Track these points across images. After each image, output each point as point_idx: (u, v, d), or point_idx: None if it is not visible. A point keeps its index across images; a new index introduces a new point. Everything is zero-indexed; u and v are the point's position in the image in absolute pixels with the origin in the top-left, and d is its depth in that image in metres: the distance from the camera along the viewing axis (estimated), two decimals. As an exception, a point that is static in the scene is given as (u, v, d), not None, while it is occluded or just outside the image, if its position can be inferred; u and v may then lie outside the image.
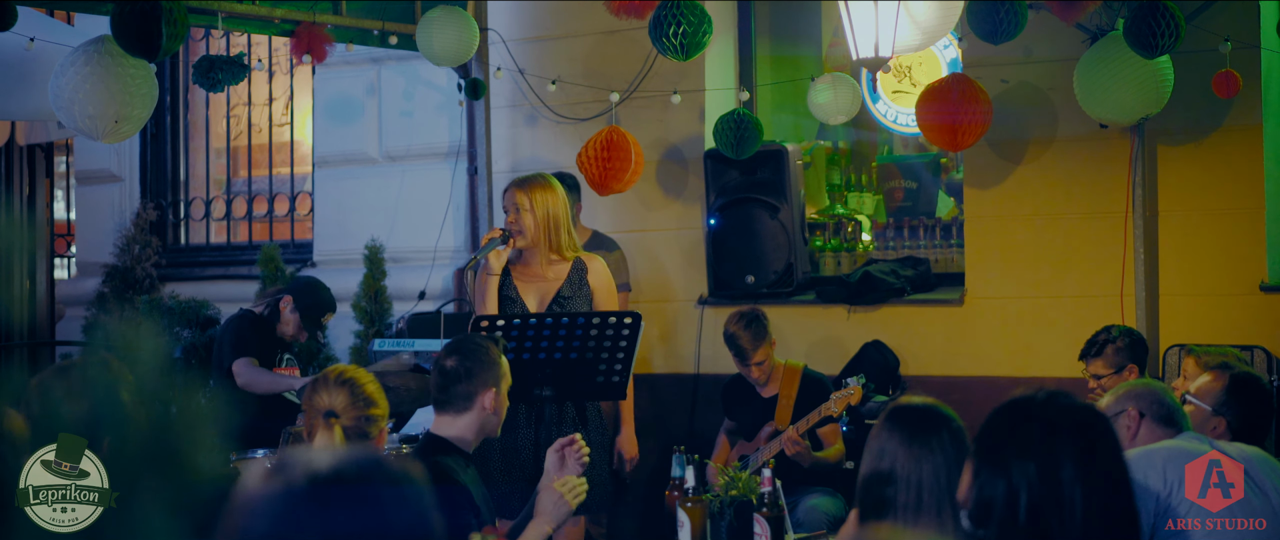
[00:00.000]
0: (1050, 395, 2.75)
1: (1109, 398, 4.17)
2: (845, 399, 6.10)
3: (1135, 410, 4.04)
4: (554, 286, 5.59)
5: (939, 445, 3.04)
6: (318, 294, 7.29)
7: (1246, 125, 6.60)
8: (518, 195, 5.56)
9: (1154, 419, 4.03)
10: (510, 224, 5.57)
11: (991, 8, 5.94)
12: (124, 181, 10.08)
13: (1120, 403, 4.07)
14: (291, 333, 7.20)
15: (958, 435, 3.08)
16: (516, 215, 5.55)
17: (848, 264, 7.82)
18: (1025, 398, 2.76)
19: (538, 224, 5.54)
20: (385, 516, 1.79)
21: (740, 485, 4.83)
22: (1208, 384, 4.41)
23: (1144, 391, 4.13)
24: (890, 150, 8.27)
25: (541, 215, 5.54)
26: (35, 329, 10.32)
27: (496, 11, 8.00)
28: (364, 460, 1.84)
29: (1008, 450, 2.68)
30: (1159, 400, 4.08)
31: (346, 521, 1.77)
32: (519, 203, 5.55)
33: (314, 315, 7.21)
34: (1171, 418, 4.06)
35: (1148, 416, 4.03)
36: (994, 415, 2.76)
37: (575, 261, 5.63)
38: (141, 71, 5.95)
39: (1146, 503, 3.73)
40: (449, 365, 4.28)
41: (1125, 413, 4.03)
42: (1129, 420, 4.03)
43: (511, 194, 5.59)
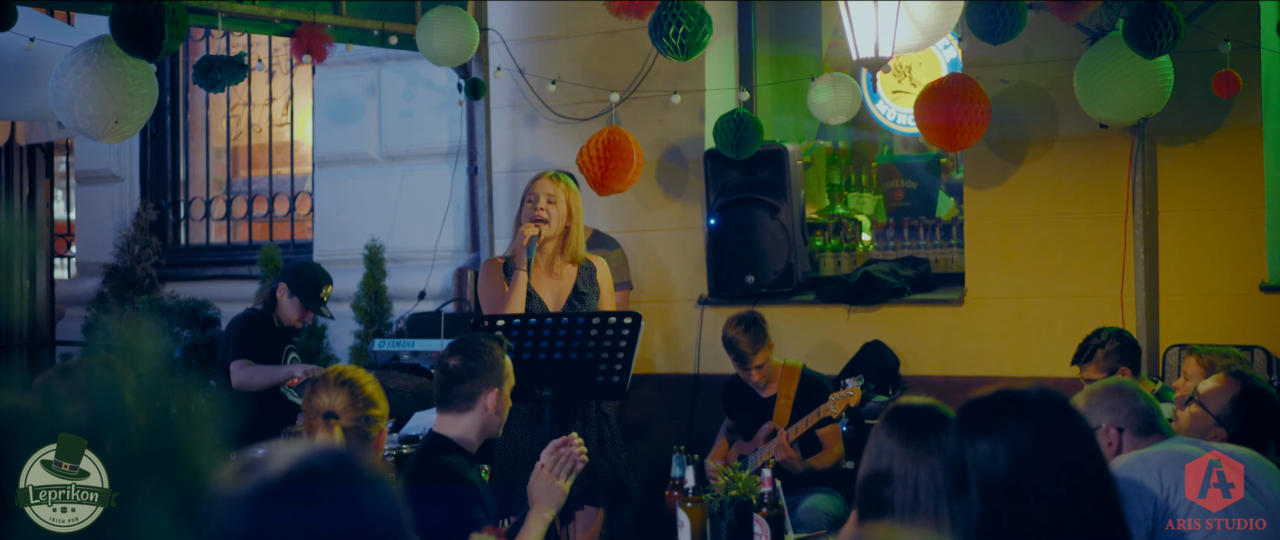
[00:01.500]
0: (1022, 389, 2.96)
1: (1080, 400, 3.93)
2: (844, 400, 6.10)
3: (1112, 427, 3.88)
4: (569, 284, 5.61)
5: (936, 445, 3.05)
6: (309, 272, 7.22)
7: (1246, 125, 6.60)
8: (550, 185, 5.56)
9: (1134, 432, 3.88)
10: (538, 213, 5.54)
11: (991, 8, 5.94)
12: (124, 181, 10.09)
13: (1095, 415, 3.87)
14: (294, 318, 7.12)
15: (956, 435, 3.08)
16: (547, 205, 5.54)
17: (848, 264, 7.82)
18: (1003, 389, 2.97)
19: (561, 217, 5.56)
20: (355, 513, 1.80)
21: (740, 485, 4.83)
22: (1216, 389, 4.25)
23: (1116, 402, 3.93)
24: (890, 150, 8.28)
25: (565, 210, 5.57)
26: (35, 329, 10.32)
27: (496, 11, 8.01)
28: (334, 459, 1.85)
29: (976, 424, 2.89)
30: (1135, 410, 3.91)
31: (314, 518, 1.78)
32: (552, 193, 5.55)
33: (312, 292, 7.11)
34: (1151, 424, 3.90)
35: (1127, 431, 3.88)
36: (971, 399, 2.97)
37: (583, 263, 5.66)
38: (141, 71, 5.95)
39: (1145, 505, 3.72)
40: (452, 365, 4.29)
41: (1102, 430, 3.86)
42: (1108, 438, 3.87)
43: (542, 183, 5.58)
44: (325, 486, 1.82)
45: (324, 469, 1.83)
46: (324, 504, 1.80)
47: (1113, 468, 3.65)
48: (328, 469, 1.83)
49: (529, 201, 5.59)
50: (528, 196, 5.61)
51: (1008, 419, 2.87)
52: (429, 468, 4.21)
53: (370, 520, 1.82)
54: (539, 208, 5.54)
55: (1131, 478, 3.70)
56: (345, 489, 1.82)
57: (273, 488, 1.80)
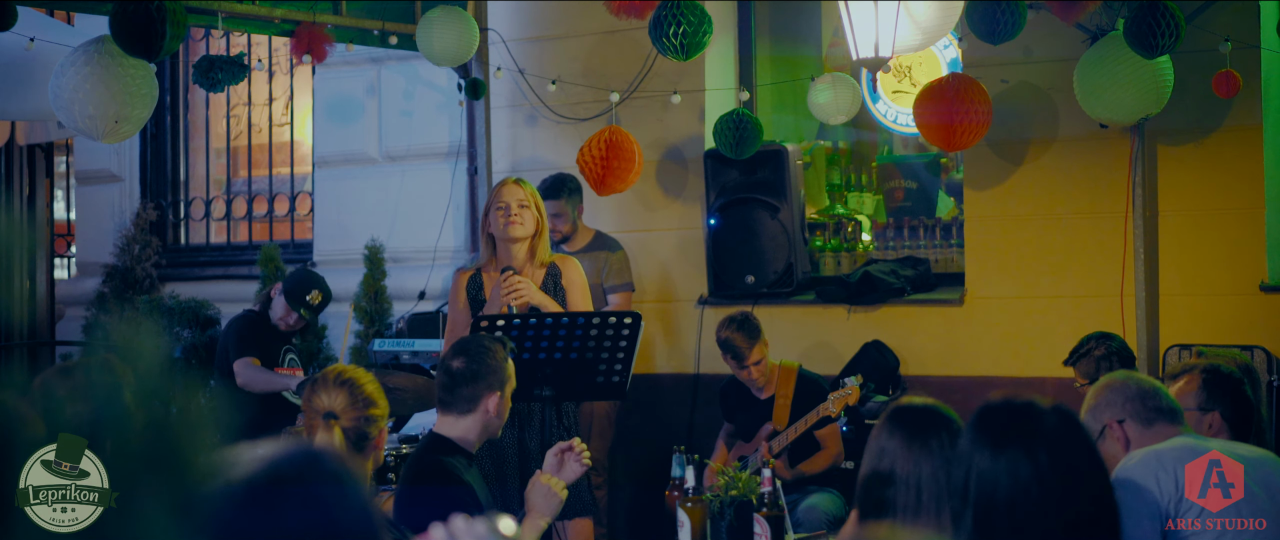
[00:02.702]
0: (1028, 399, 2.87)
1: (1083, 412, 3.92)
2: (843, 399, 6.10)
3: (1114, 423, 3.87)
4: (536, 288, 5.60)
5: (938, 446, 3.05)
6: (302, 275, 7.32)
7: (1246, 125, 6.60)
8: (518, 190, 5.60)
9: (1138, 421, 3.87)
10: (512, 220, 5.56)
11: (991, 8, 5.94)
12: (124, 181, 10.08)
13: (1096, 417, 3.87)
14: (283, 318, 7.17)
15: (957, 436, 3.08)
16: (520, 210, 5.55)
17: (848, 264, 7.82)
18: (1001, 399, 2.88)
19: (533, 221, 5.58)
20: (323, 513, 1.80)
21: (740, 485, 4.83)
22: (1184, 388, 4.23)
23: (1111, 396, 3.92)
24: (890, 150, 8.28)
25: (534, 214, 5.60)
26: (35, 329, 10.32)
27: (496, 11, 8.00)
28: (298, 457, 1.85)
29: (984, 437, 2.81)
30: (1129, 397, 3.90)
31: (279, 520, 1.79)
32: (522, 197, 5.58)
33: (297, 294, 7.15)
34: (1153, 408, 3.88)
35: (1129, 421, 3.87)
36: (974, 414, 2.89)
37: (549, 266, 5.65)
38: (141, 71, 5.95)
39: (1152, 506, 3.71)
40: (455, 366, 4.29)
41: (1107, 428, 3.86)
42: (1114, 433, 3.86)
43: (511, 189, 5.59)
44: (292, 488, 1.82)
45: (289, 471, 1.83)
46: (290, 505, 1.79)
47: (1117, 473, 3.66)
48: (294, 470, 1.83)
49: (499, 208, 5.59)
50: (496, 203, 5.61)
51: (1014, 444, 2.79)
52: (428, 467, 4.22)
53: (339, 520, 1.82)
54: (512, 214, 5.56)
55: (1134, 480, 3.70)
56: (313, 489, 1.82)
57: (236, 491, 1.80)
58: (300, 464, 1.84)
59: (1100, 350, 5.66)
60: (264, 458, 1.83)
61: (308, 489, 1.82)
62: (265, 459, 1.83)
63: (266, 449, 1.86)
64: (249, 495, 1.79)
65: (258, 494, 1.80)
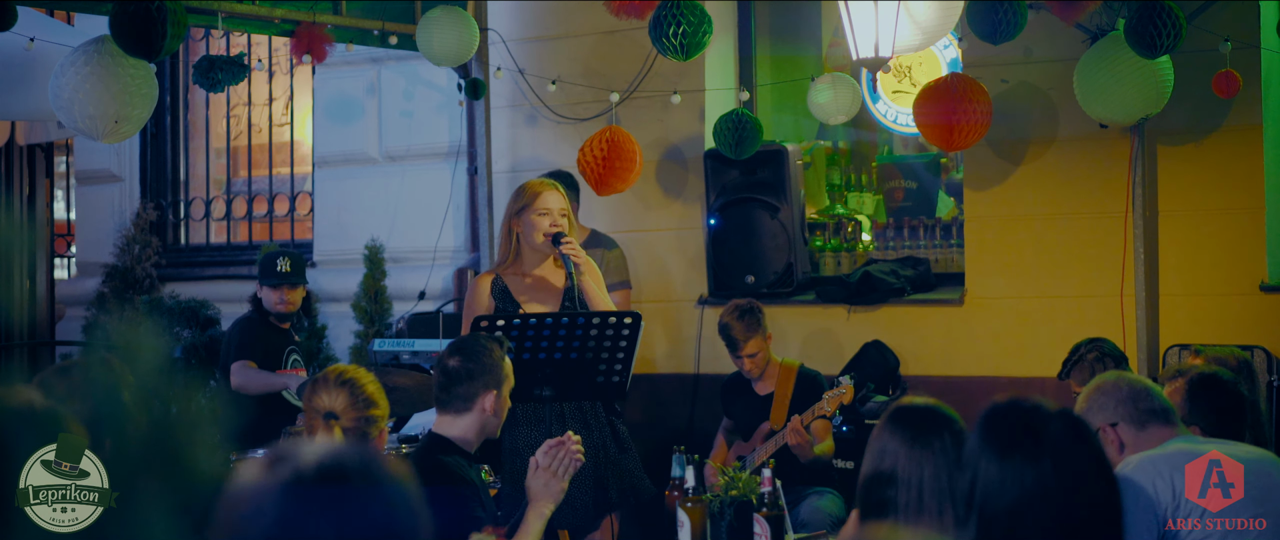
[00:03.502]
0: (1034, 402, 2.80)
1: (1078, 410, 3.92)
2: (838, 398, 6.11)
3: (1107, 427, 3.86)
4: (560, 288, 5.59)
5: (940, 446, 3.05)
6: (263, 257, 7.21)
7: (1246, 125, 6.60)
8: (560, 198, 5.56)
9: (1131, 424, 3.86)
10: (552, 227, 5.54)
11: (991, 8, 5.94)
12: (124, 181, 10.09)
13: (1090, 421, 3.80)
14: (273, 302, 7.09)
15: (959, 436, 3.07)
16: (561, 219, 5.53)
17: (848, 264, 7.82)
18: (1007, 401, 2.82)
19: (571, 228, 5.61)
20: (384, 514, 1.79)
21: (740, 485, 4.83)
22: (1171, 395, 4.19)
23: (1102, 399, 3.91)
24: (890, 150, 8.28)
25: (572, 223, 5.64)
26: (35, 329, 10.32)
27: (496, 11, 8.00)
28: (361, 457, 1.84)
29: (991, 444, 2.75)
30: (1120, 400, 3.89)
31: (345, 518, 1.77)
32: (564, 207, 5.56)
33: (267, 270, 7.04)
34: (1146, 409, 3.87)
35: (1122, 424, 3.86)
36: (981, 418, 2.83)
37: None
38: (141, 71, 5.95)
39: (1149, 510, 3.70)
40: (452, 365, 4.29)
41: (1100, 432, 3.83)
42: (1108, 437, 3.85)
43: (553, 196, 5.54)
44: (355, 485, 1.80)
45: (354, 468, 1.82)
46: (353, 503, 1.78)
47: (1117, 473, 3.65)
48: (357, 468, 1.82)
49: (541, 213, 5.52)
50: (538, 208, 5.54)
51: (1020, 454, 2.74)
52: (428, 467, 4.21)
53: (396, 520, 1.80)
54: (555, 222, 5.53)
55: (1132, 481, 3.70)
56: (374, 489, 1.81)
57: (303, 484, 1.78)
58: (361, 463, 1.82)
59: (1093, 354, 5.65)
60: (325, 454, 1.81)
61: (368, 488, 1.80)
62: (327, 455, 1.81)
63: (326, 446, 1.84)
64: (312, 491, 1.77)
65: (320, 490, 1.78)
